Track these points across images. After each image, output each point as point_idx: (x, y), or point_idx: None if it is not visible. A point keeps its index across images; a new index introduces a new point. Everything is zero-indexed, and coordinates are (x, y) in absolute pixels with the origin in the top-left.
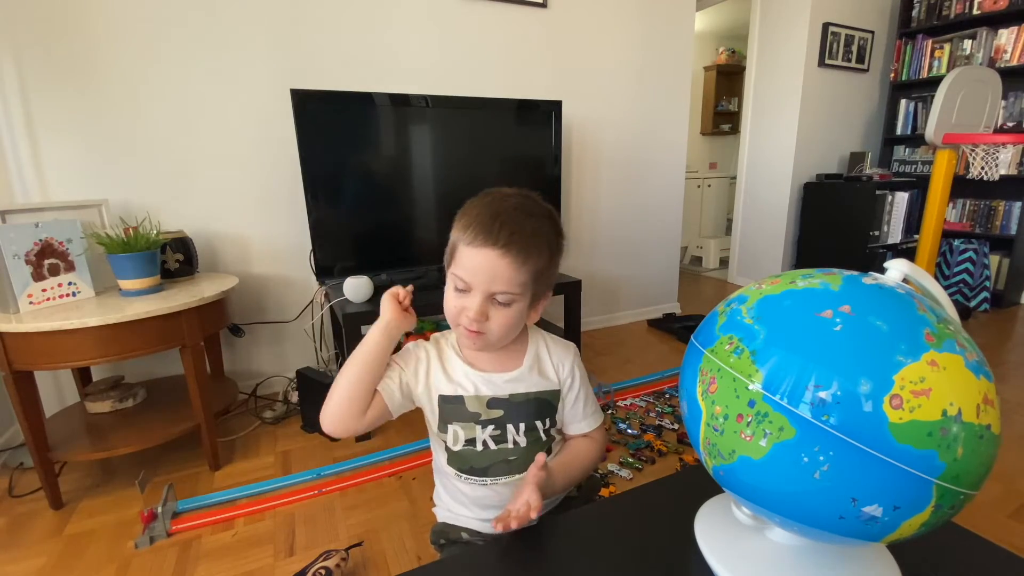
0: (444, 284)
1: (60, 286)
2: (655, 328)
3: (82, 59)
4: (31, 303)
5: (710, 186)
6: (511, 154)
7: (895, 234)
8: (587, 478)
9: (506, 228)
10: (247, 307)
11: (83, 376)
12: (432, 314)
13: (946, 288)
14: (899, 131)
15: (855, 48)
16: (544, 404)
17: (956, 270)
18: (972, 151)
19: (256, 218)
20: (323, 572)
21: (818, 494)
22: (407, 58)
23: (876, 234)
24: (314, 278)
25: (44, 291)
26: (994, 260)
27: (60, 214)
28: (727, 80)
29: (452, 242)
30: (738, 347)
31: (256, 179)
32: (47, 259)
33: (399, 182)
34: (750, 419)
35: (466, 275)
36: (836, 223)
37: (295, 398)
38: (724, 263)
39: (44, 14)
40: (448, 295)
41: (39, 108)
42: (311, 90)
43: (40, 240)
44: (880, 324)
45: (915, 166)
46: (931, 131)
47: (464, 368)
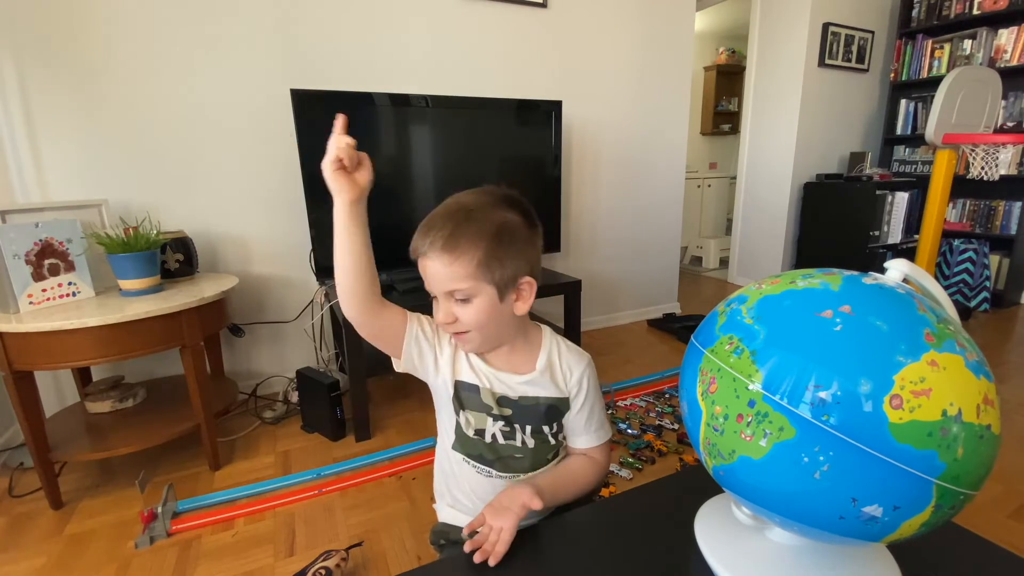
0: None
1: (60, 286)
2: (655, 328)
3: (82, 59)
4: (31, 303)
5: (710, 186)
6: (511, 154)
7: (895, 234)
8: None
9: (429, 234)
10: (247, 307)
11: (83, 376)
12: (431, 313)
13: (946, 288)
14: (899, 131)
15: (855, 48)
16: (554, 411)
17: (956, 270)
18: (972, 151)
19: (256, 218)
20: (323, 572)
21: (818, 494)
22: (407, 58)
23: (876, 234)
24: (314, 278)
25: (44, 291)
26: (994, 260)
27: (60, 214)
28: (727, 80)
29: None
30: (738, 347)
31: (256, 179)
32: (47, 259)
33: (399, 182)
34: (750, 419)
35: (426, 284)
36: (836, 223)
37: (295, 398)
38: (724, 263)
39: (44, 14)
40: (434, 306)
41: (39, 108)
42: (311, 90)
43: (40, 240)
44: (880, 324)
45: (915, 166)
46: (931, 131)
47: (479, 363)
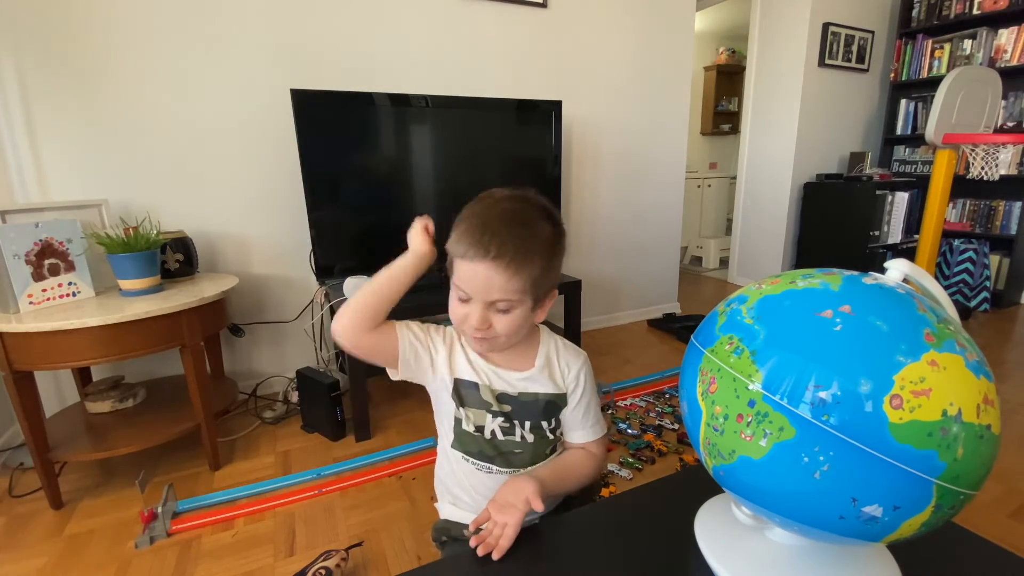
0: (444, 285)
1: (60, 286)
2: (655, 328)
3: (82, 60)
4: (31, 303)
5: (710, 186)
6: (511, 154)
7: (895, 234)
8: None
9: (496, 240)
10: (247, 307)
11: (83, 376)
12: (431, 314)
13: (946, 288)
14: (899, 131)
15: (855, 48)
16: (552, 406)
17: (956, 270)
18: (972, 151)
19: (256, 218)
20: (323, 572)
21: (818, 494)
22: (407, 58)
23: (876, 234)
24: (314, 278)
25: (44, 291)
26: (994, 260)
27: (60, 214)
28: (727, 80)
29: (448, 252)
30: (738, 347)
31: (256, 179)
32: (47, 259)
33: (399, 182)
34: (750, 419)
35: (464, 286)
36: (836, 223)
37: (295, 398)
38: (724, 263)
39: (45, 15)
40: (452, 302)
41: (39, 108)
42: (311, 90)
43: (40, 240)
44: (880, 324)
45: (915, 166)
46: (931, 131)
47: (478, 360)
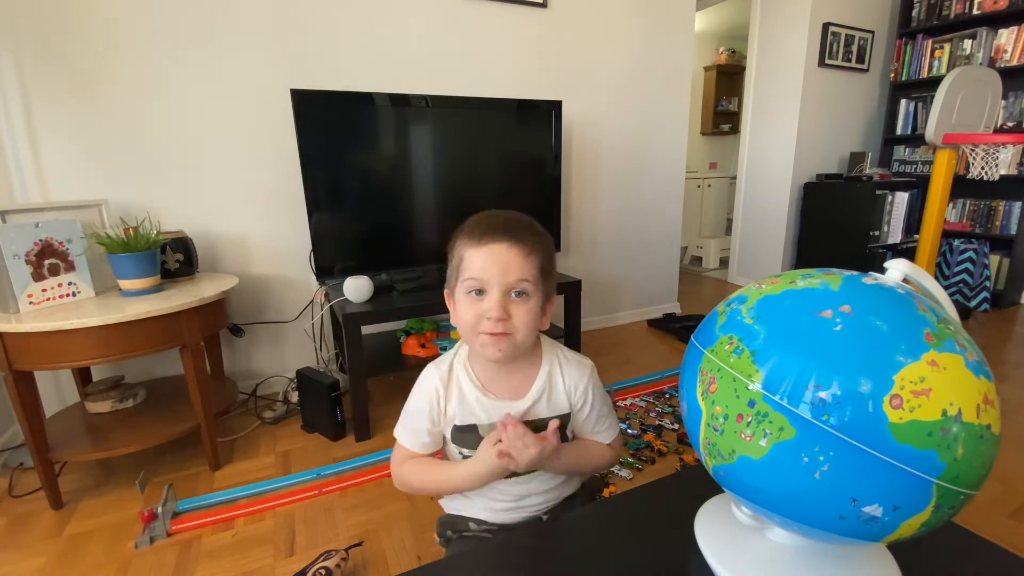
0: (444, 284)
1: (60, 286)
2: (655, 328)
3: (82, 59)
4: (31, 303)
5: (710, 186)
6: (511, 154)
7: (895, 234)
8: (591, 478)
9: (510, 223)
10: (247, 307)
11: (83, 376)
12: (431, 314)
13: (946, 288)
14: (899, 131)
15: (855, 48)
16: None
17: (956, 270)
18: (972, 151)
19: (256, 218)
20: (323, 572)
21: (818, 494)
22: (407, 58)
23: (876, 234)
24: (314, 278)
25: (44, 291)
26: (994, 260)
27: (60, 214)
28: (727, 80)
29: (456, 255)
30: (738, 347)
31: (256, 179)
32: (47, 259)
33: (399, 182)
34: (750, 419)
35: (479, 274)
36: (836, 223)
37: (295, 398)
38: (724, 263)
39: (45, 15)
40: (461, 310)
41: (39, 108)
42: (311, 90)
43: (40, 240)
44: (880, 324)
45: (915, 166)
46: (931, 131)
47: (476, 395)
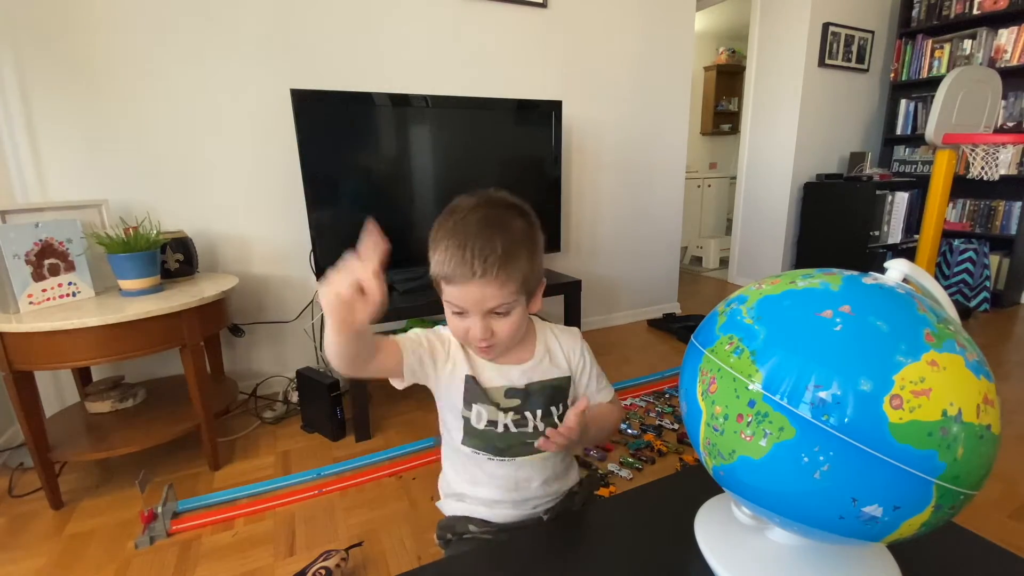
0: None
1: (60, 286)
2: (655, 328)
3: (82, 59)
4: (31, 303)
5: (710, 186)
6: (511, 154)
7: (895, 234)
8: (589, 475)
9: (478, 256)
10: (247, 307)
11: (83, 376)
12: (431, 313)
13: (946, 288)
14: (899, 131)
15: (855, 48)
16: (557, 391)
17: (956, 270)
18: (972, 151)
19: (256, 218)
20: (323, 572)
21: (818, 494)
22: (407, 58)
23: (876, 234)
24: (314, 278)
25: (44, 291)
26: (994, 260)
27: (60, 214)
28: (727, 80)
29: (432, 274)
30: (738, 347)
31: (256, 179)
32: (47, 259)
33: (399, 182)
34: (750, 419)
35: (457, 303)
36: (836, 223)
37: (295, 398)
38: (724, 263)
39: (45, 14)
40: (448, 317)
41: (40, 108)
42: (311, 90)
43: (40, 240)
44: (880, 324)
45: (915, 166)
46: (931, 131)
47: (480, 360)
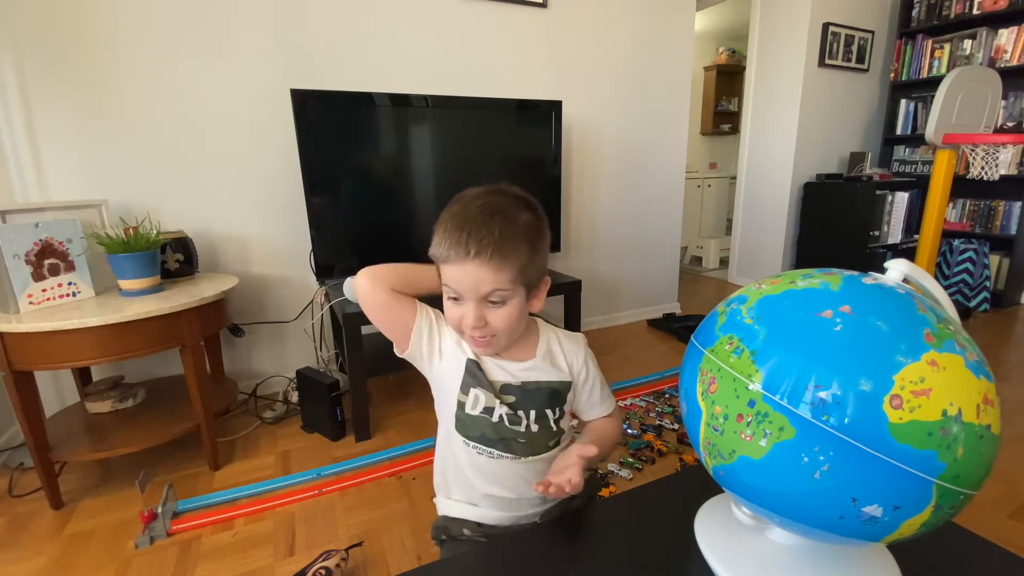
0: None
1: (60, 286)
2: (655, 328)
3: (83, 60)
4: (31, 303)
5: (710, 186)
6: (511, 154)
7: (895, 234)
8: (589, 477)
9: (474, 237)
10: (247, 307)
11: (83, 376)
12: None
13: (946, 288)
14: (899, 131)
15: (855, 48)
16: (555, 394)
17: (956, 270)
18: (972, 151)
19: (256, 218)
20: (323, 572)
21: (818, 494)
22: (407, 58)
23: (876, 234)
24: (314, 278)
25: (44, 291)
26: (994, 260)
27: (60, 214)
28: (727, 80)
29: (432, 258)
30: (738, 347)
31: (256, 179)
32: (47, 259)
33: (399, 182)
34: (750, 419)
35: (453, 286)
36: (836, 223)
37: (295, 398)
38: (724, 263)
39: (45, 15)
40: (446, 305)
41: (40, 108)
42: (311, 90)
43: (40, 240)
44: (880, 324)
45: (915, 166)
46: (931, 131)
47: (484, 357)
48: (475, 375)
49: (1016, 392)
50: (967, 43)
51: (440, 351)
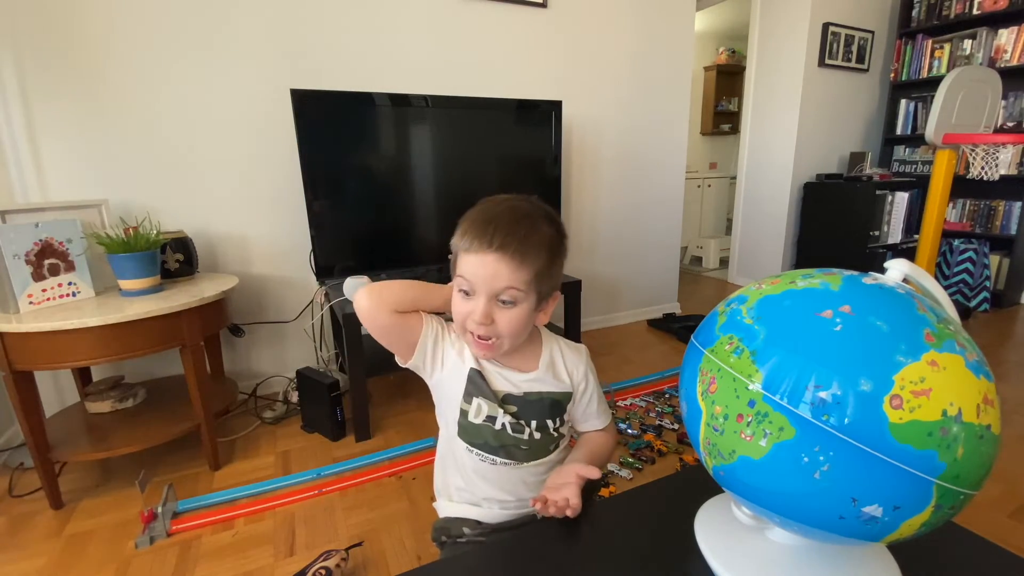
0: (442, 280)
1: (60, 286)
2: (655, 328)
3: (82, 59)
4: (31, 303)
5: (710, 186)
6: (511, 154)
7: (895, 234)
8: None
9: (500, 231)
10: (247, 307)
11: (83, 376)
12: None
13: (946, 288)
14: (899, 131)
15: (855, 48)
16: (556, 405)
17: (956, 270)
18: (972, 151)
19: (256, 218)
20: (323, 572)
21: (818, 494)
22: (407, 58)
23: (876, 234)
24: (314, 278)
25: (44, 291)
26: (994, 260)
27: (60, 214)
28: (727, 80)
29: (453, 250)
30: (738, 347)
31: (256, 179)
32: (47, 259)
33: (399, 182)
34: (750, 419)
35: (469, 278)
36: (836, 223)
37: (295, 398)
38: (724, 263)
39: (45, 15)
40: (455, 301)
41: (40, 108)
42: (311, 90)
43: (40, 240)
44: (880, 324)
45: (915, 166)
46: (931, 131)
47: (484, 362)
48: (478, 385)
49: (1016, 392)
50: (967, 43)
51: (443, 361)
